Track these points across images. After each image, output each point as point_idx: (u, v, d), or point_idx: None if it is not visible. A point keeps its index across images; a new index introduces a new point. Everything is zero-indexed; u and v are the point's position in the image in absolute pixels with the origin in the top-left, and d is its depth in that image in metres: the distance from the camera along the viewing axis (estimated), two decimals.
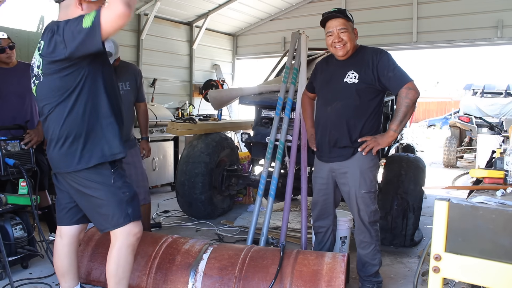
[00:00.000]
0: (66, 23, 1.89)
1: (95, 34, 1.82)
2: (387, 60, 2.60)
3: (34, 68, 2.08)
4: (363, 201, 2.68)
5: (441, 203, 1.09)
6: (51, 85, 2.02)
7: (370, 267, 2.78)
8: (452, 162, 9.28)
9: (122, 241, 2.15)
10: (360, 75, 2.61)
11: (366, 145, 2.60)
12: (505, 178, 1.77)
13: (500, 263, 1.02)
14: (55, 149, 2.10)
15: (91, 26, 1.81)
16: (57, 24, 1.94)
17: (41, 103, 2.10)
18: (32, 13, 5.59)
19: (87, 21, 1.82)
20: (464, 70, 28.50)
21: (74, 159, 2.07)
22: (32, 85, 2.12)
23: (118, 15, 1.77)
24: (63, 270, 2.34)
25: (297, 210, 4.62)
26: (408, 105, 2.54)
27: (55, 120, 2.06)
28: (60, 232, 2.34)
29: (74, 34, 1.85)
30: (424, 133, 17.00)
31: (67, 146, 2.07)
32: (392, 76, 2.56)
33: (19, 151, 3.16)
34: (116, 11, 1.76)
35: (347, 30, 2.62)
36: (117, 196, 2.12)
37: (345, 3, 7.60)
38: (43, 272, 3.03)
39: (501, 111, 9.33)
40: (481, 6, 6.48)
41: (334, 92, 2.71)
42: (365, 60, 2.63)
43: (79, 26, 1.83)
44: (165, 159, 5.96)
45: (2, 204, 2.96)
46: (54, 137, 2.09)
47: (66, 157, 2.08)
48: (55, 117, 2.06)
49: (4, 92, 3.41)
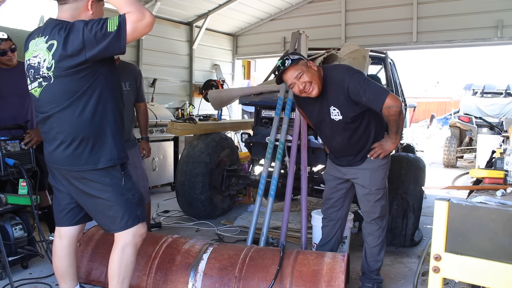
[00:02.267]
0: (85, 25, 1.86)
1: (120, 39, 1.85)
2: (356, 82, 2.50)
3: (39, 69, 1.99)
4: (374, 198, 2.73)
5: (441, 203, 1.09)
6: (63, 87, 1.98)
7: (373, 262, 2.84)
8: (452, 162, 9.27)
9: (128, 241, 2.15)
10: (341, 110, 2.58)
11: (374, 152, 2.67)
12: (505, 178, 1.77)
13: (500, 263, 1.02)
14: (59, 149, 2.07)
15: (117, 31, 1.83)
16: (71, 24, 1.90)
17: (47, 104, 2.04)
18: (32, 13, 5.59)
19: (112, 25, 1.83)
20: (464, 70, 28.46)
21: (81, 160, 2.06)
22: (35, 85, 2.04)
23: (148, 23, 1.86)
24: (63, 270, 2.33)
25: (297, 210, 4.62)
26: (395, 120, 2.56)
27: (63, 121, 2.03)
28: (59, 233, 2.33)
29: (98, 37, 1.84)
30: (424, 133, 17.00)
31: (73, 148, 2.04)
32: (367, 100, 2.49)
33: (19, 151, 3.16)
34: (147, 20, 1.85)
35: (303, 71, 2.51)
36: (126, 198, 2.12)
37: (345, 3, 7.60)
38: (43, 272, 3.03)
39: (501, 111, 9.33)
40: (481, 6, 6.47)
41: (329, 129, 2.72)
42: (338, 92, 2.56)
43: (104, 30, 1.83)
44: (165, 159, 5.96)
45: (2, 204, 2.96)
46: (60, 137, 2.05)
47: (72, 158, 2.06)
48: (64, 118, 2.02)
49: (4, 92, 3.42)
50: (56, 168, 2.15)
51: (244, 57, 9.29)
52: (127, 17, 1.84)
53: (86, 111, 2.01)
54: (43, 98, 2.04)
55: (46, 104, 2.04)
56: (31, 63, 2.03)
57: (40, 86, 2.02)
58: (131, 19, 1.83)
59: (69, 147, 2.04)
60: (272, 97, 3.89)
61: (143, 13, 1.83)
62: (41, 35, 2.01)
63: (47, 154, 2.16)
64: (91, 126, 2.03)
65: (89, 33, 1.85)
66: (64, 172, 2.13)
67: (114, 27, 1.83)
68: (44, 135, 2.16)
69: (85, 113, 2.01)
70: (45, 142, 2.17)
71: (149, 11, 1.86)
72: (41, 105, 2.07)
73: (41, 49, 1.98)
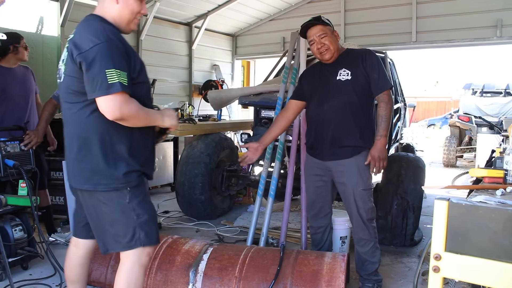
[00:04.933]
0: (96, 60, 1.72)
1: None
2: (375, 60, 2.69)
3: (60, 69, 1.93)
4: (361, 198, 2.69)
5: (441, 202, 1.09)
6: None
7: (369, 265, 2.78)
8: (451, 162, 9.27)
9: (133, 261, 1.92)
10: (352, 72, 2.67)
11: (374, 167, 2.62)
12: (505, 178, 1.77)
13: (500, 262, 1.02)
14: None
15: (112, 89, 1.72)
16: (84, 52, 1.75)
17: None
18: (31, 14, 5.59)
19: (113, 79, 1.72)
20: (463, 70, 28.48)
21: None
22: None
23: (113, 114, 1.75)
24: (74, 278, 2.19)
25: (297, 210, 4.62)
26: (391, 109, 2.67)
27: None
28: (76, 243, 2.20)
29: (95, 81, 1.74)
30: (424, 133, 17.00)
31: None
32: (376, 78, 2.64)
33: (18, 152, 3.16)
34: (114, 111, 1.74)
35: (327, 34, 2.67)
36: (129, 217, 1.89)
37: (344, 3, 7.61)
38: (43, 273, 3.03)
39: (500, 110, 9.33)
40: (480, 5, 6.48)
41: (328, 90, 2.71)
42: (354, 60, 2.71)
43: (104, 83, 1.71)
44: (164, 159, 5.96)
45: (2, 205, 2.96)
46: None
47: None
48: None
49: (9, 93, 3.44)
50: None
51: (244, 57, 9.29)
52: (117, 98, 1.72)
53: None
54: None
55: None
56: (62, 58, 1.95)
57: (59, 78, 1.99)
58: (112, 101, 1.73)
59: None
60: (272, 97, 3.89)
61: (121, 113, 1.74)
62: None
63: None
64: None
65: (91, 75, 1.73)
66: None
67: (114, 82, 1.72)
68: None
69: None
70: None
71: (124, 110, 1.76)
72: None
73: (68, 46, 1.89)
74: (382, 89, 2.64)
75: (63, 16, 5.72)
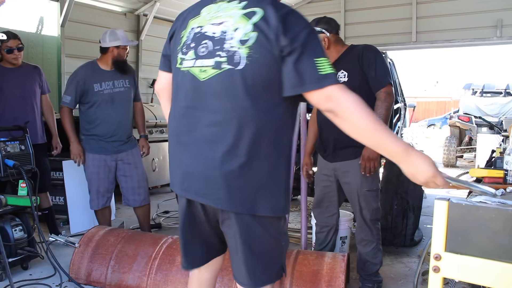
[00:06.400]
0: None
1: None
2: (371, 56, 2.61)
3: (224, 41, 1.40)
4: (365, 199, 2.68)
5: (441, 202, 1.09)
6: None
7: (370, 266, 2.78)
8: (452, 162, 9.27)
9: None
10: (349, 73, 2.64)
11: (364, 168, 2.59)
12: (505, 177, 1.77)
13: (500, 262, 1.02)
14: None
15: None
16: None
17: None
18: (31, 14, 5.59)
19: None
20: (463, 70, 28.52)
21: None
22: (208, 64, 1.41)
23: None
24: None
25: (297, 210, 4.62)
26: (387, 108, 2.57)
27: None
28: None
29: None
30: (424, 133, 17.00)
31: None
32: (373, 76, 2.58)
33: (18, 152, 3.15)
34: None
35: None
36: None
37: (344, 3, 7.61)
38: (43, 273, 3.03)
39: (500, 110, 9.34)
40: (480, 5, 6.49)
41: None
42: (351, 59, 2.66)
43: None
44: (164, 159, 5.96)
45: (2, 205, 2.96)
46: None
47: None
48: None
49: (7, 92, 3.43)
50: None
51: None
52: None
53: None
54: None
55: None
56: (203, 31, 1.45)
57: (218, 67, 1.40)
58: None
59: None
60: None
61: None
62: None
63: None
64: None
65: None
66: None
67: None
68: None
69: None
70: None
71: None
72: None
73: (230, 15, 1.41)
74: (379, 87, 2.58)
75: (63, 16, 5.72)
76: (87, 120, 3.44)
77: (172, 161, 1.55)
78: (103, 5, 6.42)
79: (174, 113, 1.54)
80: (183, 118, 1.48)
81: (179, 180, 1.50)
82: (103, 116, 3.41)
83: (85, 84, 3.37)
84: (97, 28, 5.94)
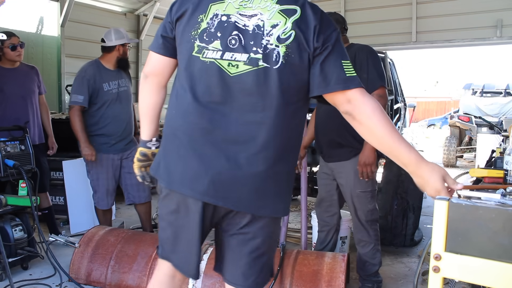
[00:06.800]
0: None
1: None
2: (364, 58, 2.58)
3: (261, 36, 1.32)
4: (359, 200, 2.68)
5: (441, 202, 1.09)
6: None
7: (369, 266, 2.78)
8: (452, 162, 9.27)
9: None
10: None
11: (361, 174, 2.57)
12: (505, 178, 1.77)
13: (500, 262, 1.02)
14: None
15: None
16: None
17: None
18: (31, 14, 5.59)
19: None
20: (463, 70, 28.53)
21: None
22: (241, 59, 1.33)
23: None
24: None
25: (297, 210, 4.62)
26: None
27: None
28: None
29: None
30: (424, 133, 17.00)
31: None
32: (365, 78, 2.52)
33: (18, 152, 3.16)
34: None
35: None
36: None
37: (344, 3, 7.60)
38: (43, 273, 3.03)
39: (500, 110, 9.34)
40: (480, 5, 6.48)
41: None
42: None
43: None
44: None
45: (2, 205, 2.96)
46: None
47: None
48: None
49: (7, 92, 3.43)
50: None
51: None
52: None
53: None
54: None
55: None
56: (232, 20, 1.34)
57: (253, 63, 1.31)
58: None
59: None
60: None
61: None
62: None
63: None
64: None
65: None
66: None
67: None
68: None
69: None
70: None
71: None
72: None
73: (264, 9, 1.33)
74: (371, 89, 2.50)
75: (63, 16, 5.73)
76: (94, 120, 3.41)
77: (181, 160, 1.37)
78: (103, 5, 6.42)
79: (187, 107, 1.37)
80: (203, 114, 1.34)
81: (192, 180, 1.35)
82: (114, 115, 3.41)
83: (95, 83, 3.36)
84: (97, 28, 5.95)
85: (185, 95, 1.38)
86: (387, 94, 2.60)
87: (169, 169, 1.41)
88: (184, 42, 1.39)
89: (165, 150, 1.44)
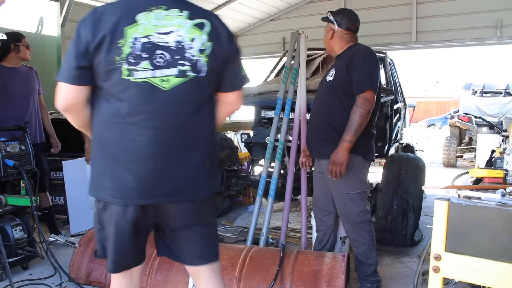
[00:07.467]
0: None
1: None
2: (359, 59, 2.58)
3: (184, 50, 1.48)
4: (347, 202, 2.68)
5: (441, 202, 1.09)
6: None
7: (366, 266, 2.78)
8: (452, 162, 9.28)
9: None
10: (337, 73, 2.67)
11: (333, 172, 2.54)
12: (505, 178, 1.77)
13: (499, 262, 1.02)
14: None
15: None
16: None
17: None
18: (31, 14, 5.59)
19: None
20: (463, 70, 28.51)
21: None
22: (171, 73, 1.47)
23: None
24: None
25: (297, 210, 4.62)
26: (361, 115, 2.49)
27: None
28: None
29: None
30: (424, 133, 17.00)
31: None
32: (356, 79, 2.55)
33: (18, 152, 3.16)
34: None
35: (326, 31, 2.81)
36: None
37: (344, 3, 7.60)
38: (43, 273, 3.03)
39: (500, 110, 9.34)
40: (480, 5, 6.48)
41: (319, 91, 2.84)
42: (345, 58, 2.68)
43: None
44: None
45: (2, 205, 2.96)
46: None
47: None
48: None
49: (11, 92, 3.44)
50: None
51: (244, 57, 9.28)
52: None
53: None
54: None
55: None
56: (153, 41, 1.44)
57: (183, 75, 1.47)
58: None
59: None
60: (272, 97, 3.89)
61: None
62: (164, 7, 1.46)
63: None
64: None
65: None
66: None
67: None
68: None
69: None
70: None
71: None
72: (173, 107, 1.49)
73: (179, 25, 1.47)
74: (359, 91, 2.52)
75: (63, 16, 5.72)
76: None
77: (117, 171, 1.47)
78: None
79: (117, 126, 1.46)
80: (143, 128, 1.45)
81: (131, 188, 1.47)
82: None
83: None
84: None
85: (116, 114, 1.46)
86: (374, 99, 2.54)
87: (107, 182, 1.50)
88: (109, 69, 1.43)
89: (106, 167, 1.52)
